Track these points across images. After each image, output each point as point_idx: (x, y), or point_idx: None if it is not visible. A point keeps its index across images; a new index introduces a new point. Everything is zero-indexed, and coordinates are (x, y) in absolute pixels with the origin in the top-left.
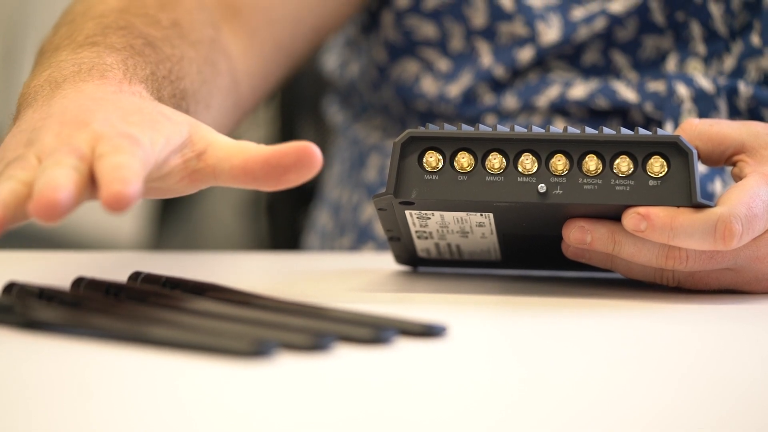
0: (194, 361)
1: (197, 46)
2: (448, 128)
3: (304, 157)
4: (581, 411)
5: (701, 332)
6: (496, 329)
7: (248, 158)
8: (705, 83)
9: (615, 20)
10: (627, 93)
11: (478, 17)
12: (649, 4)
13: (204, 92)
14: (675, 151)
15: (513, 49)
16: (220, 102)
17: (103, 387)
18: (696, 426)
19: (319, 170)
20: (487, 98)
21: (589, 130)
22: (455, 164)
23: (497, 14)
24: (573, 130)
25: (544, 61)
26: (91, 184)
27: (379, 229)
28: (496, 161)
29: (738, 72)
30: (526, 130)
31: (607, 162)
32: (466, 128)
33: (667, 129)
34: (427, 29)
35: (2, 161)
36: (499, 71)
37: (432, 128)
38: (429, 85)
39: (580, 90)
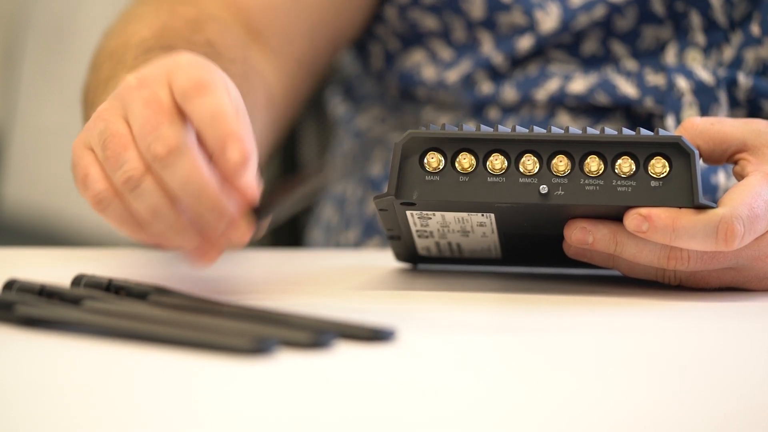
0: (195, 359)
1: (234, 64)
2: (450, 129)
3: None
4: (583, 409)
5: (703, 330)
6: (496, 326)
7: None
8: (705, 75)
9: (614, 8)
10: (627, 88)
11: (476, 9)
12: None
13: (248, 107)
14: (676, 151)
15: (513, 38)
16: (260, 118)
17: (104, 384)
18: (698, 423)
19: None
20: (486, 87)
21: (590, 130)
22: (456, 165)
23: (495, 5)
24: (574, 130)
25: (543, 50)
26: None
27: None
28: (497, 162)
29: (737, 62)
30: (527, 131)
31: (609, 163)
32: (468, 129)
33: (669, 123)
34: (430, 22)
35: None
36: (498, 59)
37: (433, 129)
38: (429, 72)
39: (579, 84)
